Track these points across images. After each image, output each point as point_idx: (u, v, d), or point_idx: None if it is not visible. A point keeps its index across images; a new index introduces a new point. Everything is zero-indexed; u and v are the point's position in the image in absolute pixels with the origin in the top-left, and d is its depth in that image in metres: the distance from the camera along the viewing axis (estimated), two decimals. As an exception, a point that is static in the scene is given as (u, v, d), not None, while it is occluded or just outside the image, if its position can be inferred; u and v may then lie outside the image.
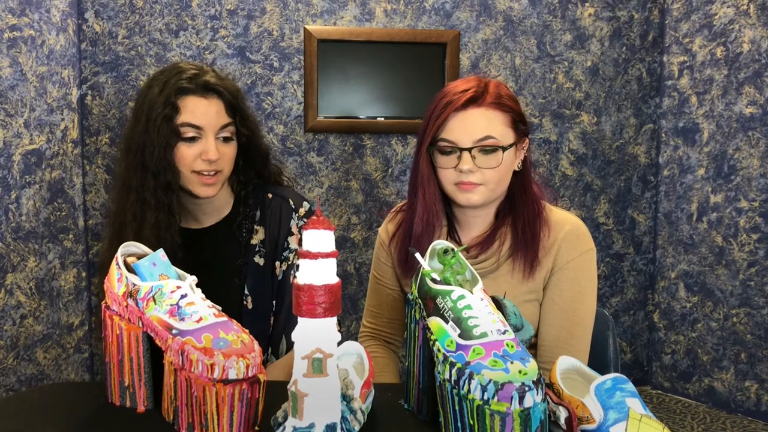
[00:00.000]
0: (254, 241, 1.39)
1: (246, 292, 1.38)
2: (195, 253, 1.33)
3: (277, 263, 1.40)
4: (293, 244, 1.39)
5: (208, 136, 1.27)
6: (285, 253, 1.39)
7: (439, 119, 1.21)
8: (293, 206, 1.40)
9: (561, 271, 1.25)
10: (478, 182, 1.20)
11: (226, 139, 1.31)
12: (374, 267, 1.43)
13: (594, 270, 1.28)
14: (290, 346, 1.36)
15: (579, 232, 1.27)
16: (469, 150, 1.19)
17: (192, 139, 1.27)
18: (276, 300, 1.40)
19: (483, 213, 1.29)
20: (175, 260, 1.28)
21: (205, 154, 1.26)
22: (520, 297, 1.25)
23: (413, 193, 1.29)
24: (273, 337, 1.40)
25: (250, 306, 1.38)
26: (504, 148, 1.20)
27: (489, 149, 1.20)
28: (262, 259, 1.39)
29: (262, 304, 1.39)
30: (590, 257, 1.27)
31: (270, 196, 1.41)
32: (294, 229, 1.40)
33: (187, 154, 1.26)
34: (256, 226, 1.39)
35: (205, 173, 1.28)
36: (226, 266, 1.39)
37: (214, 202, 1.39)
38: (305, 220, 1.39)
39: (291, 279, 1.37)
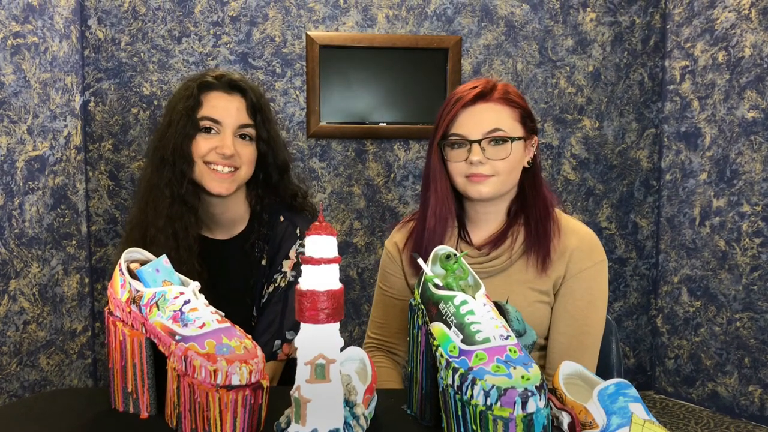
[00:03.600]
0: (264, 263, 1.38)
1: (254, 313, 1.37)
2: (207, 264, 1.32)
3: (266, 285, 1.37)
4: (285, 268, 1.35)
5: (226, 131, 1.27)
6: (275, 275, 1.35)
7: (449, 115, 1.24)
8: (298, 234, 1.37)
9: (574, 280, 1.26)
10: (488, 174, 1.22)
11: (245, 139, 1.30)
12: (381, 279, 1.42)
13: (606, 281, 1.29)
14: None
15: (593, 243, 1.28)
16: (479, 142, 1.21)
17: (208, 130, 1.27)
18: (257, 317, 1.37)
19: (494, 210, 1.30)
20: (189, 253, 1.27)
21: (220, 148, 1.26)
22: (531, 297, 1.26)
23: (425, 189, 1.30)
24: None
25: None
26: (513, 139, 1.22)
27: (498, 141, 1.22)
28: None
29: None
30: (603, 268, 1.28)
31: (282, 219, 1.39)
32: (292, 254, 1.36)
33: (202, 145, 1.27)
34: (266, 246, 1.37)
35: (217, 167, 1.27)
36: (238, 283, 1.37)
37: (229, 213, 1.37)
38: None
39: (275, 303, 1.35)
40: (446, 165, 1.27)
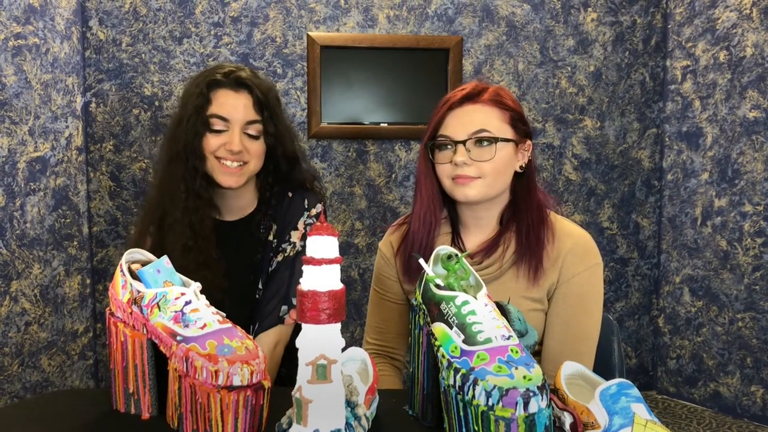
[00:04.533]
0: (270, 238, 1.42)
1: (260, 286, 1.41)
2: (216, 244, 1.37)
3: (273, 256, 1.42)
4: (294, 238, 1.41)
5: (234, 128, 1.32)
6: (283, 245, 1.41)
7: (436, 117, 1.24)
8: (306, 206, 1.43)
9: (566, 285, 1.23)
10: (474, 175, 1.20)
11: (252, 136, 1.35)
12: (376, 282, 1.40)
13: (601, 285, 1.26)
14: (262, 328, 1.38)
15: (587, 246, 1.25)
16: (464, 142, 1.20)
17: (219, 131, 1.32)
18: (264, 286, 1.41)
19: (486, 215, 1.28)
20: (208, 243, 1.32)
21: (228, 144, 1.31)
22: (525, 305, 1.24)
23: (414, 192, 1.31)
24: (253, 318, 1.41)
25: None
26: (498, 139, 1.20)
27: (483, 141, 1.20)
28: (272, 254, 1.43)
29: None
30: (597, 271, 1.25)
31: (290, 194, 1.44)
32: (300, 226, 1.42)
33: (212, 142, 1.32)
34: (272, 223, 1.43)
35: (226, 162, 1.32)
36: (243, 262, 1.41)
37: (239, 200, 1.42)
38: (314, 221, 1.42)
39: (282, 270, 1.40)
40: (435, 168, 1.26)
